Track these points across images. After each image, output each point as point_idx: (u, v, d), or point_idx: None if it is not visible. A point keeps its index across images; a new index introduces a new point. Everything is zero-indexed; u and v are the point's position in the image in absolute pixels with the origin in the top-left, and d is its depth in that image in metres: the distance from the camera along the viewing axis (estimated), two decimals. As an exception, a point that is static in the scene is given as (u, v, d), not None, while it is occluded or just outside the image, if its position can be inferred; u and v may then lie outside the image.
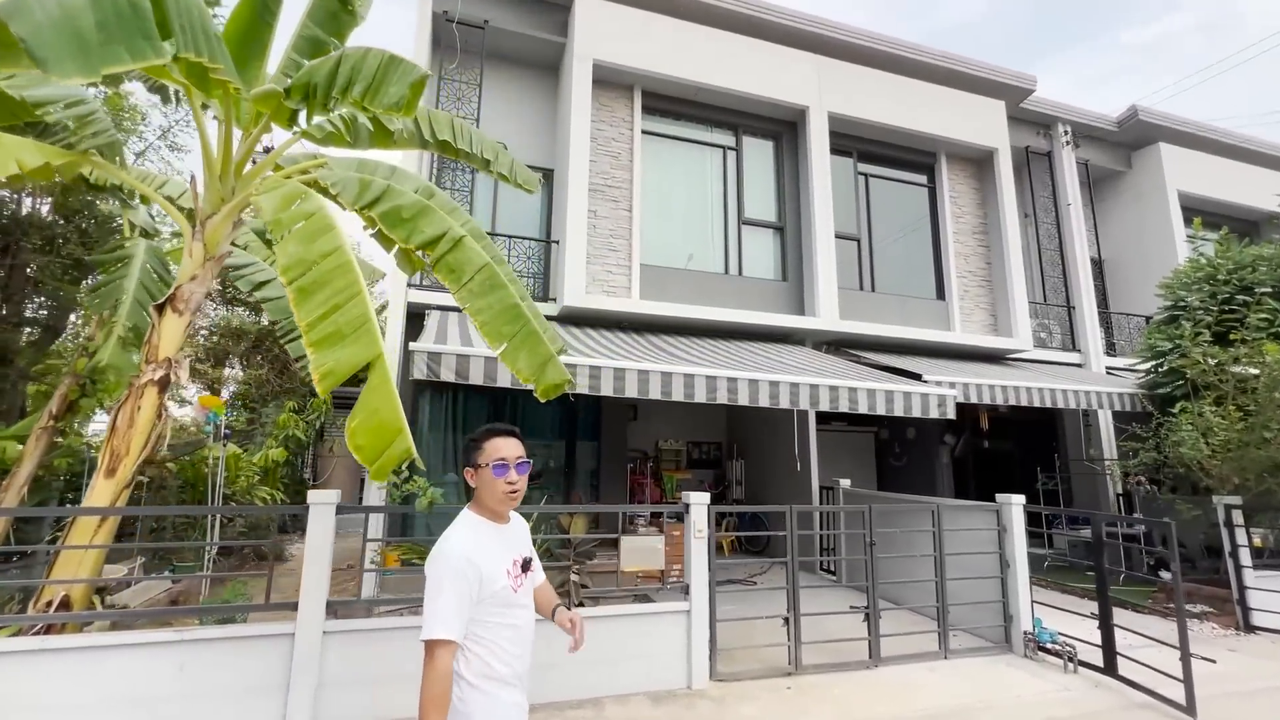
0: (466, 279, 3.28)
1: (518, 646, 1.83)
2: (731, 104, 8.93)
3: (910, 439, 10.53)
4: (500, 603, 1.78)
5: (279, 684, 3.64)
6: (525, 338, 3.30)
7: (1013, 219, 9.91)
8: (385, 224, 3.39)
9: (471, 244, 3.41)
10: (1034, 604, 5.41)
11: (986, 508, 5.67)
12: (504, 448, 1.86)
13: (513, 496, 1.87)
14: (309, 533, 3.81)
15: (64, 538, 3.69)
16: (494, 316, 3.25)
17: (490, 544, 1.83)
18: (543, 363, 3.30)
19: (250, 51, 3.69)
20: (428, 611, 1.69)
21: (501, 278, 3.38)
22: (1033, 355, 10.11)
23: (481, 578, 1.74)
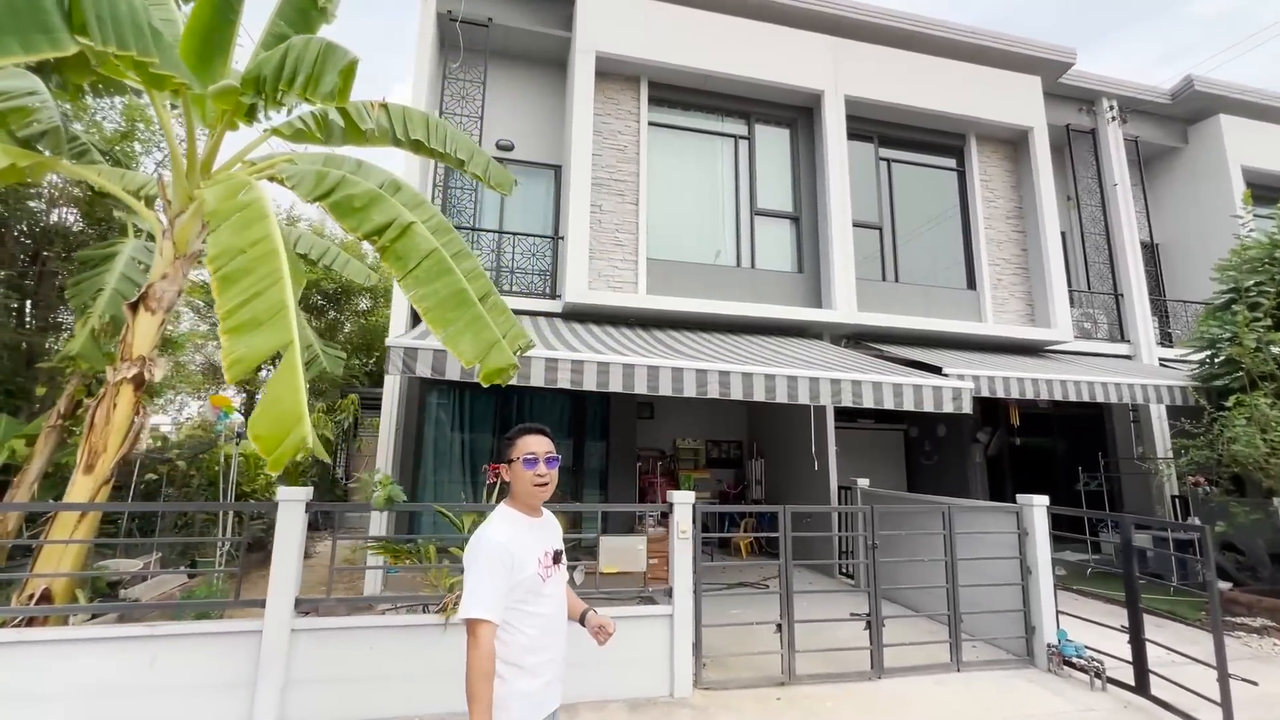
0: (412, 265, 3.19)
1: (547, 637, 1.91)
2: (742, 91, 8.65)
3: (941, 436, 10.00)
4: (528, 590, 1.86)
5: (247, 681, 3.64)
6: (470, 322, 3.20)
7: (1050, 202, 9.28)
8: (336, 214, 3.34)
9: (421, 231, 3.32)
10: (1059, 614, 4.99)
11: (1005, 509, 5.27)
12: (534, 444, 1.97)
13: (542, 489, 1.96)
14: (277, 530, 3.79)
15: (45, 533, 3.77)
16: (439, 302, 3.16)
17: (523, 535, 1.92)
18: (487, 347, 3.18)
19: (213, 49, 3.70)
20: (468, 593, 1.78)
21: (449, 263, 3.28)
22: (1075, 347, 9.45)
23: (514, 564, 1.83)
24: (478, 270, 3.82)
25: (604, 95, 8.24)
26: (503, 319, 3.76)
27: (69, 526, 3.76)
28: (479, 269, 3.83)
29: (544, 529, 2.02)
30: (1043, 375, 7.14)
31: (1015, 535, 5.14)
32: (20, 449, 5.04)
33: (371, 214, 3.32)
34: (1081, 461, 9.28)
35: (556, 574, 1.99)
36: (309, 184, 3.47)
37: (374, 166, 4.06)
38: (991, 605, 5.22)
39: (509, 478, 1.99)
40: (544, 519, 2.05)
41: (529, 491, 1.96)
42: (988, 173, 9.66)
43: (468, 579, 1.81)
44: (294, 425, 2.28)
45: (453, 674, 4.03)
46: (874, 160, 9.30)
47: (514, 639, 1.83)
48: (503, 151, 8.52)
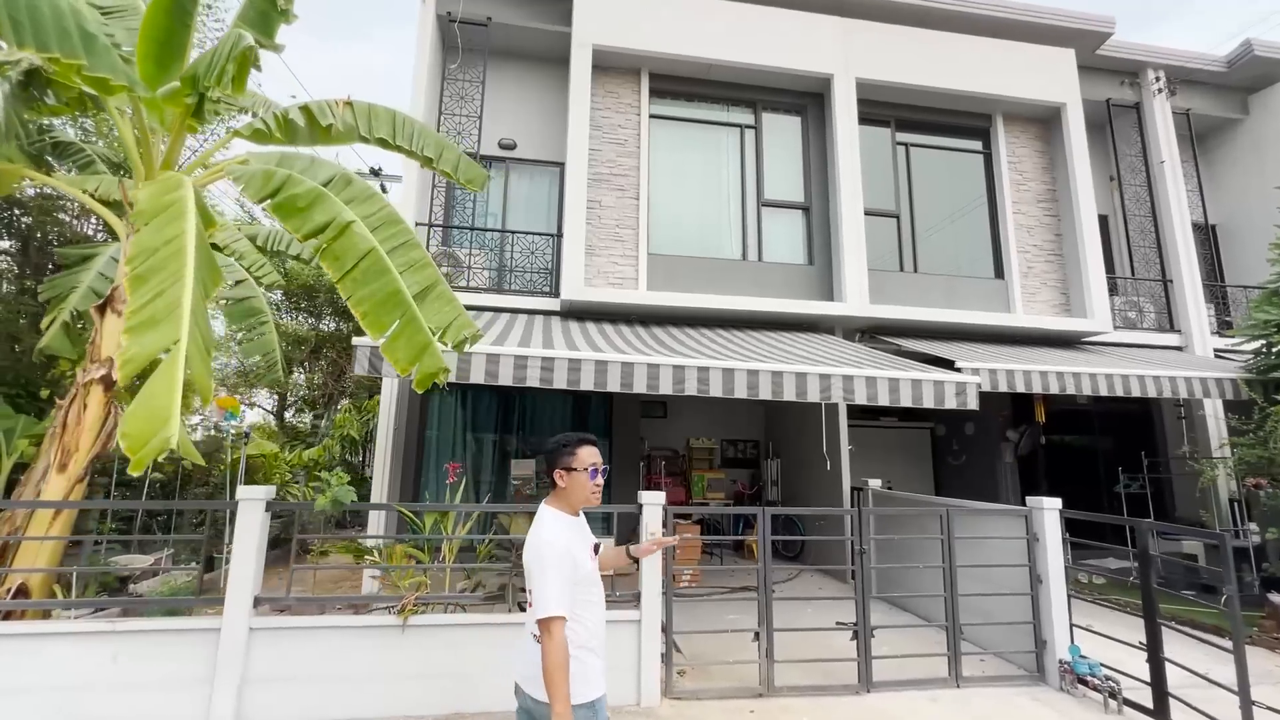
0: (350, 266, 3.14)
1: (601, 622, 2.15)
2: (747, 79, 8.38)
3: (969, 435, 9.46)
4: (588, 583, 2.09)
5: (205, 678, 3.66)
6: (405, 325, 3.12)
7: (1086, 183, 8.64)
8: (280, 215, 3.32)
9: (360, 231, 3.26)
10: (1075, 628, 4.57)
11: (1013, 513, 4.87)
12: (595, 455, 2.20)
13: (597, 496, 2.20)
14: (237, 528, 3.81)
15: (22, 529, 3.89)
16: (375, 306, 3.09)
17: (575, 534, 2.13)
18: (419, 351, 3.10)
19: (169, 54, 3.72)
20: (540, 593, 1.94)
21: (385, 263, 3.21)
22: (1117, 338, 8.78)
23: (575, 562, 2.03)
24: (424, 261, 3.75)
25: (604, 89, 8.12)
26: (448, 309, 3.69)
27: (44, 524, 3.87)
28: (425, 259, 3.77)
29: (583, 526, 2.23)
30: (1072, 369, 6.62)
31: (1024, 541, 4.74)
32: (28, 449, 5.26)
33: (313, 214, 3.29)
34: (1127, 461, 8.59)
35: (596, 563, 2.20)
36: (257, 184, 3.47)
37: (325, 162, 4.05)
38: (1003, 616, 4.84)
39: (564, 483, 2.15)
40: (580, 517, 2.24)
41: (586, 498, 2.18)
42: (1016, 154, 9.08)
43: (537, 580, 1.97)
44: (161, 425, 2.23)
45: (412, 677, 4.01)
46: (890, 145, 8.86)
47: (581, 626, 2.03)
48: (505, 151, 8.51)
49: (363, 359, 4.44)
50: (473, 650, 3.94)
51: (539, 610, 1.92)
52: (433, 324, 3.63)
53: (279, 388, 12.47)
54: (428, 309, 3.66)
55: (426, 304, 3.67)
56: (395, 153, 4.64)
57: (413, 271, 3.71)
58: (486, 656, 3.93)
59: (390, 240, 3.76)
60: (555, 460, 2.19)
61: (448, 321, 3.67)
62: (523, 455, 7.82)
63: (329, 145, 4.45)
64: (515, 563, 4.11)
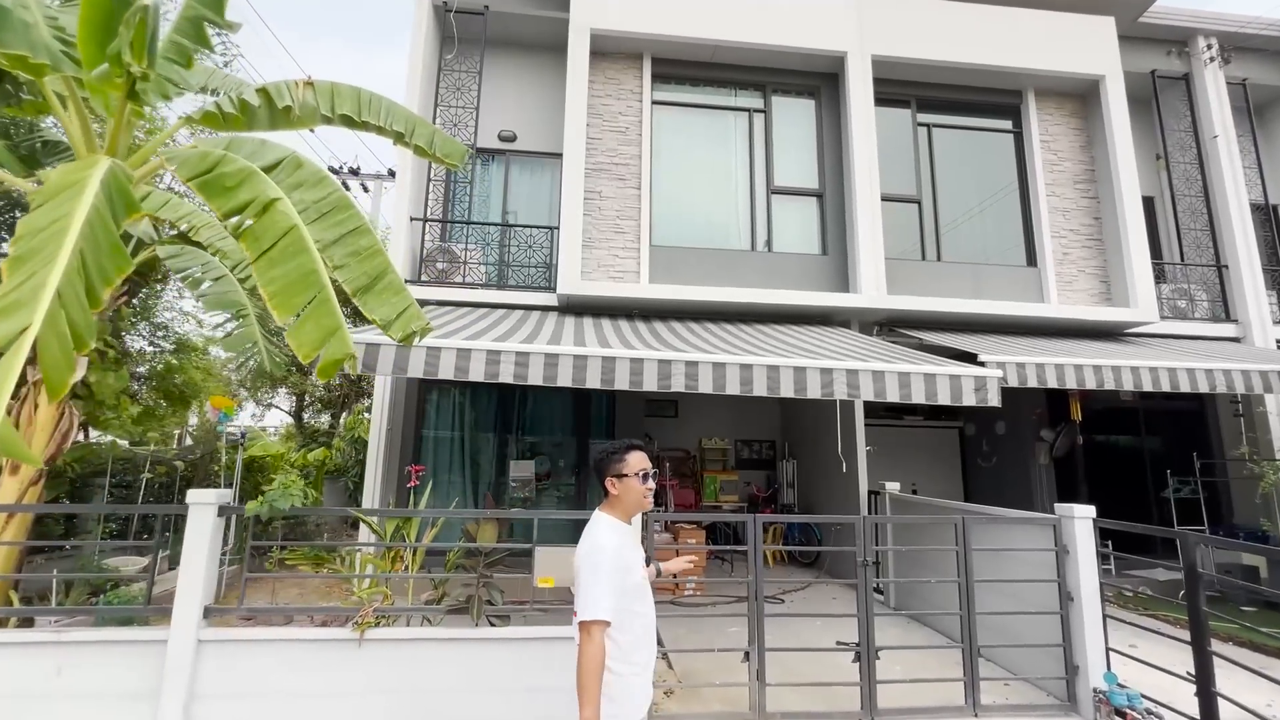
0: (267, 246, 2.89)
1: (647, 635, 2.06)
2: (756, 61, 7.96)
3: (1000, 435, 8.84)
4: (637, 594, 2.03)
5: (152, 692, 3.46)
6: (316, 307, 2.85)
7: (1128, 162, 7.96)
8: (206, 195, 3.10)
9: (284, 210, 3.02)
10: (1111, 651, 4.06)
11: (1039, 521, 4.38)
12: (644, 461, 2.14)
13: (649, 501, 2.15)
14: (186, 534, 3.61)
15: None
16: (286, 286, 2.83)
17: (629, 542, 2.10)
18: (326, 335, 2.82)
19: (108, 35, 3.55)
20: (585, 596, 1.91)
21: (305, 243, 2.95)
22: (1165, 329, 8.07)
23: (627, 570, 2.00)
24: (372, 249, 3.48)
25: (604, 76, 7.82)
26: (397, 299, 3.42)
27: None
28: (374, 247, 3.50)
29: (636, 535, 2.25)
30: (1110, 361, 6.03)
31: (1053, 553, 4.24)
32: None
33: (239, 193, 3.06)
34: (1177, 464, 7.87)
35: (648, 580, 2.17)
36: (191, 165, 3.26)
37: (276, 145, 3.83)
38: (1031, 637, 4.35)
39: (617, 491, 2.11)
40: (634, 524, 2.20)
41: (639, 504, 2.13)
42: (1050, 132, 8.44)
43: (585, 582, 1.94)
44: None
45: (370, 694, 3.75)
46: (911, 126, 8.32)
47: (622, 638, 1.95)
48: (506, 143, 8.27)
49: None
50: (434, 666, 3.66)
51: (581, 612, 1.91)
52: (379, 316, 3.38)
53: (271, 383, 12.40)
54: (374, 300, 3.40)
55: (373, 295, 3.41)
56: (362, 131, 4.41)
57: (359, 260, 3.45)
58: (449, 673, 3.66)
59: (337, 226, 3.50)
60: (605, 468, 2.15)
61: (396, 313, 3.40)
62: (522, 456, 7.56)
63: (291, 129, 4.24)
64: (480, 573, 3.82)
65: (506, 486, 7.33)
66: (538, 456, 7.56)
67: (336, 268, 3.42)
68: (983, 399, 4.69)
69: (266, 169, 3.61)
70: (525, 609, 3.82)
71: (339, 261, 3.43)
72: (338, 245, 3.46)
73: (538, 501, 7.36)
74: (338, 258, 3.43)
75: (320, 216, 3.53)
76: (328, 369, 2.80)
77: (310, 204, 3.55)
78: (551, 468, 7.60)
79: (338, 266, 3.42)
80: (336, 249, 3.45)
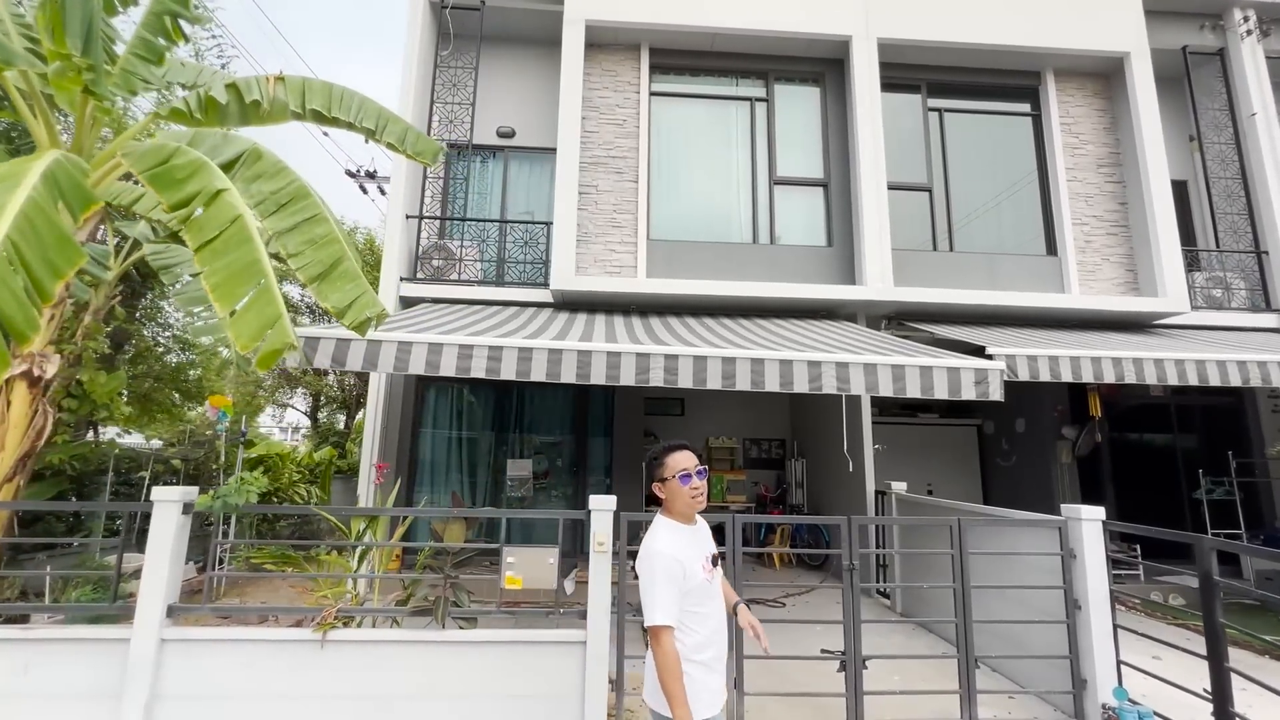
0: (211, 236, 2.81)
1: (716, 635, 2.09)
2: (756, 48, 7.74)
3: (1020, 433, 8.43)
4: (699, 595, 2.06)
5: (115, 692, 3.43)
6: (258, 296, 2.77)
7: (1156, 143, 7.51)
8: (156, 188, 3.04)
9: (231, 200, 2.94)
10: (1121, 665, 3.75)
11: (1043, 523, 4.09)
12: (684, 460, 2.16)
13: (698, 500, 2.16)
14: (151, 531, 3.58)
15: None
16: (229, 277, 2.75)
17: (686, 543, 2.11)
18: (265, 326, 2.73)
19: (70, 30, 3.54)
20: (648, 602, 1.97)
21: (249, 232, 2.87)
22: (1199, 319, 7.59)
23: (685, 573, 2.02)
24: (329, 237, 3.41)
25: (601, 68, 7.69)
26: (350, 287, 3.34)
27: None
28: (331, 235, 3.42)
29: (700, 535, 2.20)
30: (1133, 353, 5.65)
31: (1059, 558, 3.95)
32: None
33: (187, 184, 3.00)
34: (1211, 463, 7.40)
35: (716, 576, 2.16)
36: (144, 158, 3.22)
37: (238, 138, 3.79)
38: (1038, 647, 4.07)
39: (664, 494, 2.18)
40: (698, 526, 2.21)
41: (688, 504, 2.14)
42: (1071, 114, 8.03)
43: (645, 589, 2.00)
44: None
45: (332, 698, 3.66)
46: (921, 112, 8.00)
47: (688, 639, 2.01)
48: (504, 139, 8.19)
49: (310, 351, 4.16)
50: (398, 670, 3.56)
51: (647, 618, 1.96)
52: (332, 303, 3.30)
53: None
54: (328, 287, 3.32)
55: (327, 282, 3.33)
56: (334, 127, 4.35)
57: (314, 248, 3.38)
58: (412, 677, 3.55)
59: (294, 215, 3.44)
60: (651, 474, 2.21)
61: (349, 300, 3.31)
62: (520, 455, 7.46)
63: (263, 125, 4.20)
64: (447, 574, 3.71)
65: (504, 485, 7.24)
66: (536, 455, 7.46)
67: (291, 255, 3.35)
68: (984, 393, 4.41)
69: (228, 162, 3.58)
70: (491, 611, 3.69)
71: (294, 249, 3.37)
72: (293, 234, 3.40)
73: (536, 501, 7.26)
74: (293, 246, 3.36)
75: (279, 207, 3.48)
76: (267, 359, 2.72)
77: (268, 195, 3.49)
78: (550, 467, 7.49)
79: (292, 254, 3.36)
80: (292, 237, 3.39)
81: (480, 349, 4.17)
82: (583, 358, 4.24)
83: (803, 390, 4.33)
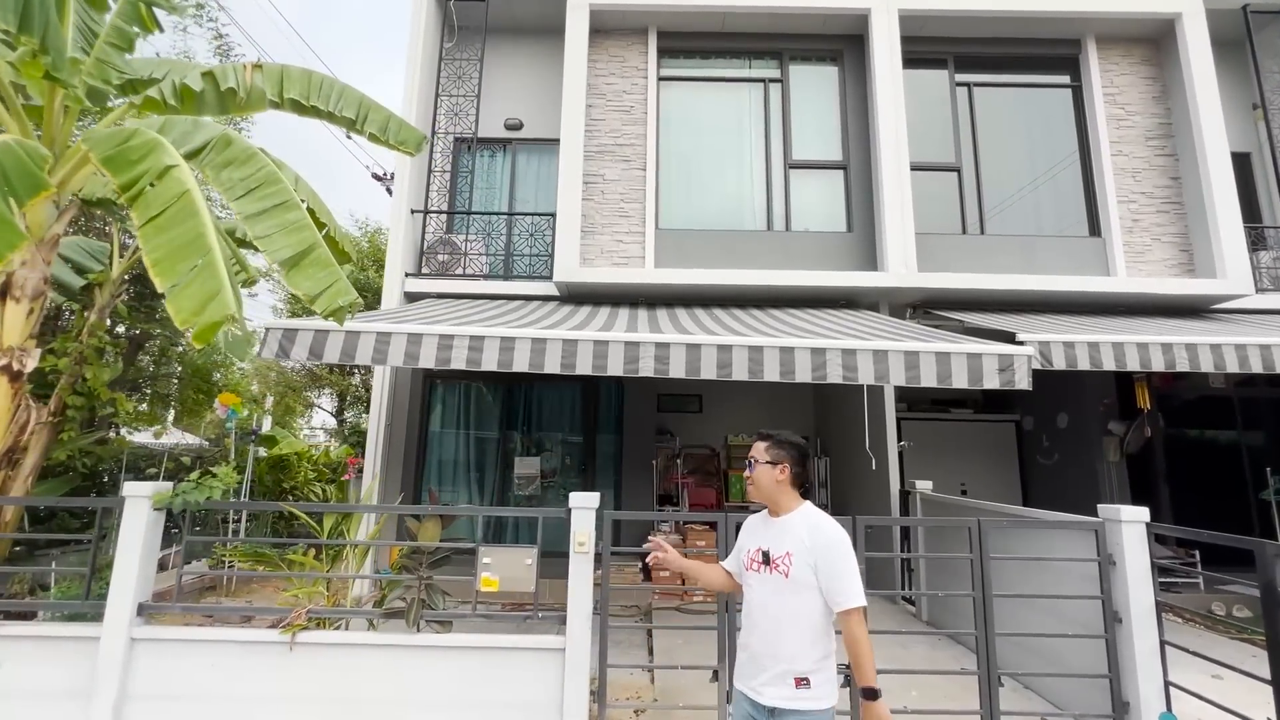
0: (155, 212, 2.70)
1: (746, 620, 2.21)
2: (770, 26, 7.39)
3: (1062, 428, 7.84)
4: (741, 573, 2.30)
5: (86, 691, 3.36)
6: (201, 270, 2.62)
7: (1213, 111, 6.87)
8: (111, 170, 2.95)
9: (180, 177, 2.82)
10: (1169, 686, 3.31)
11: (1078, 526, 3.66)
12: (754, 449, 2.29)
13: (751, 488, 2.28)
14: (121, 528, 3.50)
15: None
16: (170, 252, 2.63)
17: (752, 526, 2.35)
18: (205, 300, 2.58)
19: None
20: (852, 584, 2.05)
21: (196, 207, 2.75)
22: (1264, 303, 6.90)
23: (740, 546, 2.35)
24: (300, 223, 3.28)
25: (608, 54, 7.47)
26: (323, 274, 3.20)
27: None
28: (303, 221, 3.30)
29: (773, 528, 2.21)
30: (1183, 338, 5.11)
31: (1097, 564, 3.52)
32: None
33: (140, 164, 2.88)
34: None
35: (763, 573, 2.16)
36: (102, 143, 3.14)
37: (210, 124, 3.69)
38: (1077, 664, 3.65)
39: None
40: (782, 520, 2.19)
41: (771, 487, 2.22)
42: (1115, 84, 7.42)
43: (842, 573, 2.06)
44: None
45: (301, 701, 3.51)
46: (949, 87, 7.52)
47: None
48: (512, 131, 8.04)
49: (273, 342, 4.03)
50: (369, 675, 3.39)
51: (854, 599, 2.00)
52: (304, 291, 3.16)
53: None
54: (299, 274, 3.19)
55: (299, 270, 3.21)
56: (313, 117, 4.22)
57: (285, 233, 3.25)
58: (383, 682, 3.37)
59: (263, 200, 3.32)
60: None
61: (322, 288, 3.17)
62: (527, 452, 7.29)
63: (241, 114, 4.12)
64: (421, 574, 3.52)
65: (511, 483, 7.08)
66: (544, 453, 7.27)
67: (260, 239, 3.23)
68: (1008, 381, 3.99)
69: (196, 148, 3.48)
70: (466, 614, 3.48)
71: (263, 233, 3.24)
72: (263, 218, 3.28)
73: (544, 499, 7.08)
74: (262, 230, 3.24)
75: (248, 192, 3.37)
76: (205, 333, 2.58)
77: (238, 180, 3.39)
78: (559, 465, 7.29)
79: (262, 239, 3.23)
80: (261, 221, 3.27)
81: (461, 339, 3.99)
82: (568, 347, 4.01)
83: (805, 380, 4.00)
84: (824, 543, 2.07)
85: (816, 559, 2.05)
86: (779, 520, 2.18)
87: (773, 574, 2.11)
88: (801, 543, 2.09)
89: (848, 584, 2.03)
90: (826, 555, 2.05)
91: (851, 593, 2.01)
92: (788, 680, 2.03)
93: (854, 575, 2.04)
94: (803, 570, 2.06)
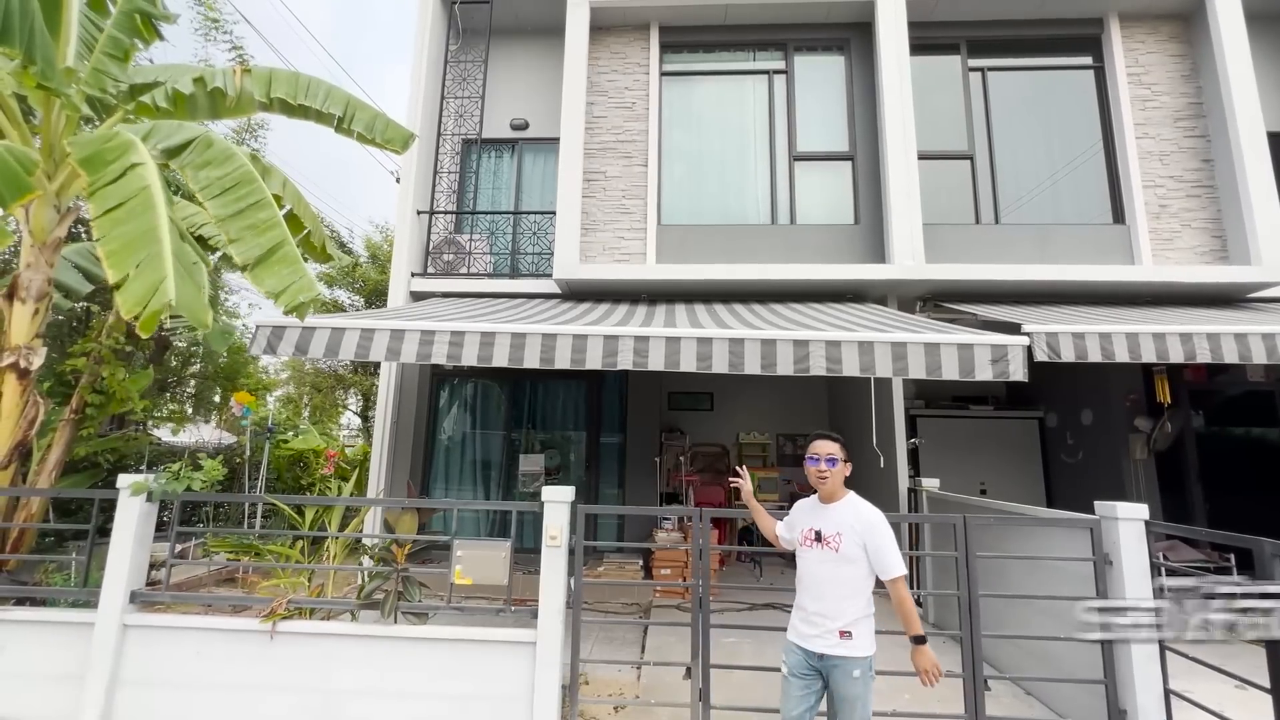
0: (112, 205, 2.79)
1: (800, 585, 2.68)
2: (773, 17, 7.28)
3: (1086, 425, 7.50)
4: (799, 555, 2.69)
5: (79, 675, 3.49)
6: (148, 260, 2.70)
7: (1247, 88, 6.49)
8: (85, 170, 3.06)
9: (143, 174, 2.91)
10: (1169, 694, 3.12)
11: (1072, 523, 3.48)
12: (817, 446, 2.68)
13: (820, 481, 2.64)
14: (116, 519, 3.63)
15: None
16: (124, 245, 2.72)
17: (805, 511, 2.75)
18: (150, 289, 2.65)
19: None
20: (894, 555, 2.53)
21: (153, 202, 2.84)
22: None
23: (791, 527, 2.80)
24: (271, 222, 3.36)
25: (609, 50, 7.46)
26: (288, 272, 3.27)
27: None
28: (274, 220, 3.37)
29: (825, 511, 2.63)
30: (1206, 328, 4.82)
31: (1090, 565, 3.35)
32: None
33: (113, 164, 2.99)
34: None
35: (815, 548, 2.60)
36: (83, 146, 3.26)
37: (192, 126, 3.80)
38: (1075, 669, 3.48)
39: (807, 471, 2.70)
40: (831, 506, 2.63)
41: (812, 481, 2.68)
42: (1140, 63, 7.07)
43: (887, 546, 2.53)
44: None
45: (281, 690, 3.58)
46: (961, 73, 7.28)
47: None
48: (518, 131, 8.10)
49: (261, 339, 4.13)
50: (346, 665, 3.44)
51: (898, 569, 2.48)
52: (268, 287, 3.23)
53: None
54: (265, 272, 3.26)
55: (265, 268, 3.28)
56: (301, 118, 4.32)
57: (255, 233, 3.33)
58: (360, 672, 3.42)
59: (238, 201, 3.41)
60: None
61: (285, 285, 3.24)
62: (531, 450, 7.32)
63: (232, 117, 4.23)
64: (399, 567, 3.56)
65: (516, 480, 7.12)
66: (549, 451, 7.30)
67: (232, 241, 3.31)
68: (1002, 372, 3.83)
69: (177, 148, 3.58)
70: (441, 607, 3.51)
71: (234, 235, 3.33)
72: (235, 219, 3.36)
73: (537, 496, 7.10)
74: (233, 231, 3.33)
75: (222, 192, 3.45)
76: (149, 322, 2.65)
77: (214, 180, 3.48)
78: (563, 462, 7.31)
79: (232, 240, 3.32)
80: (234, 223, 3.35)
81: (442, 334, 4.02)
82: (547, 341, 4.01)
83: (787, 372, 3.91)
84: (870, 524, 2.52)
85: (865, 538, 2.50)
86: (830, 506, 2.62)
87: (824, 549, 2.55)
88: (851, 525, 2.53)
89: (893, 558, 2.50)
90: (873, 535, 2.50)
91: (896, 564, 2.48)
92: (834, 633, 2.49)
93: (896, 550, 2.50)
94: (852, 546, 2.51)
